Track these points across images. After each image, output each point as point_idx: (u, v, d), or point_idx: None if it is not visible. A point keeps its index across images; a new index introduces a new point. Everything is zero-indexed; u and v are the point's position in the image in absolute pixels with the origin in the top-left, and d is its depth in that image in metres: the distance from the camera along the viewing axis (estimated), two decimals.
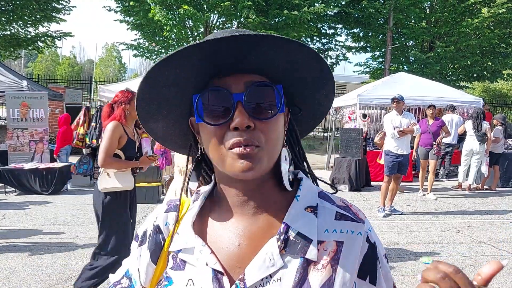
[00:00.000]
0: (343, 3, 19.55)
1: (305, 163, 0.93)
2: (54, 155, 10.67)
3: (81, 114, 11.16)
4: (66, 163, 10.11)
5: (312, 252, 0.77)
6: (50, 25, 20.66)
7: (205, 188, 0.92)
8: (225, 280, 0.77)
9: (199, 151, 0.88)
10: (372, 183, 10.66)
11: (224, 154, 0.76)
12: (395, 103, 7.71)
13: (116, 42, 22.47)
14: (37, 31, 20.58)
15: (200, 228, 0.85)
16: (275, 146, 0.79)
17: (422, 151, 9.39)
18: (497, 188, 10.46)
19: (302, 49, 0.75)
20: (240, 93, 0.75)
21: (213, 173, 0.91)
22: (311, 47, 0.76)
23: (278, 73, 0.80)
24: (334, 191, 0.93)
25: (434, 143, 9.25)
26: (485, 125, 9.71)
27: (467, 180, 10.22)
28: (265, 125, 0.76)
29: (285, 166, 0.83)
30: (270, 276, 0.75)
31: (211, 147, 0.78)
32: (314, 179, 0.93)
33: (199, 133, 0.84)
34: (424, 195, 9.29)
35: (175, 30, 16.31)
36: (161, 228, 0.90)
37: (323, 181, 0.94)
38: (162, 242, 0.88)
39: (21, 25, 19.86)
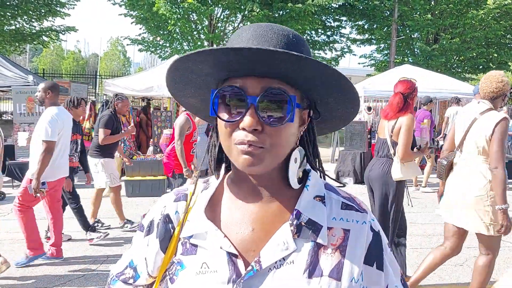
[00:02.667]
0: None
1: (317, 161, 0.95)
2: None
3: (87, 108, 11.20)
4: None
5: (322, 237, 0.82)
6: (54, 19, 20.72)
7: (216, 178, 0.95)
8: (240, 262, 0.81)
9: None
10: None
11: (231, 147, 0.80)
12: None
13: (121, 37, 22.51)
14: (41, 25, 20.64)
15: (212, 214, 0.88)
16: (282, 149, 0.82)
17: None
18: None
19: (326, 69, 0.77)
20: (255, 96, 0.77)
21: (226, 162, 0.95)
22: (335, 69, 0.77)
23: (298, 82, 0.82)
24: (342, 185, 0.97)
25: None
26: None
27: None
28: (273, 130, 0.79)
29: (293, 168, 0.87)
30: (284, 259, 0.80)
31: (222, 138, 0.83)
32: (324, 175, 0.96)
33: None
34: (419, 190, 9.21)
35: (179, 24, 16.31)
36: (171, 217, 0.92)
37: (331, 178, 0.98)
38: (172, 230, 0.91)
39: (26, 19, 19.90)
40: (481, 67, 21.05)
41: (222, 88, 0.79)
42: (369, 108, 12.18)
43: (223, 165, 0.95)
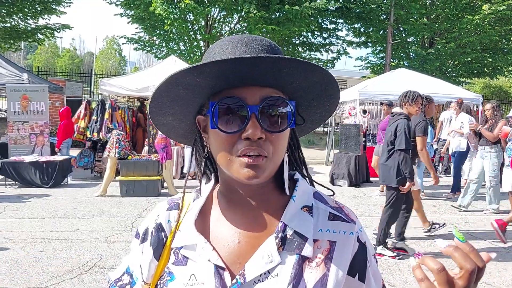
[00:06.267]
0: None
1: (304, 167, 0.97)
2: (56, 149, 10.72)
3: (82, 107, 11.19)
4: (66, 156, 10.16)
5: (307, 249, 0.82)
6: (50, 17, 20.66)
7: (207, 188, 0.96)
8: (226, 275, 0.81)
9: (206, 149, 0.92)
10: (371, 179, 10.69)
11: (232, 160, 0.80)
12: None
13: (117, 36, 22.43)
14: (37, 23, 20.57)
15: (201, 225, 0.89)
16: (280, 156, 0.83)
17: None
18: None
19: (321, 72, 0.80)
20: (255, 105, 0.78)
21: (215, 173, 0.96)
22: (329, 71, 0.80)
23: (292, 89, 0.84)
24: (332, 194, 0.97)
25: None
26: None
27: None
28: (275, 137, 0.80)
29: (287, 172, 0.88)
30: (268, 272, 0.80)
31: (220, 152, 0.82)
32: (311, 182, 0.97)
33: (206, 131, 0.88)
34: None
35: (176, 24, 16.30)
36: (163, 226, 0.94)
37: (320, 184, 0.99)
38: (165, 239, 0.92)
39: (21, 17, 19.84)
40: (475, 71, 21.21)
41: (223, 99, 0.79)
42: (364, 111, 12.22)
43: (213, 175, 0.97)
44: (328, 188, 0.98)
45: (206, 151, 0.92)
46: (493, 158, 7.37)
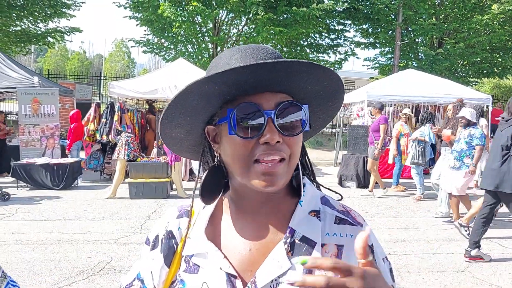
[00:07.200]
0: None
1: (311, 172, 0.99)
2: (67, 151, 10.82)
3: (92, 110, 11.27)
4: (77, 159, 10.25)
5: (316, 254, 0.83)
6: (59, 20, 20.88)
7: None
8: (238, 283, 0.83)
9: (216, 158, 0.92)
10: None
11: (249, 166, 0.81)
12: None
13: (126, 38, 22.56)
14: (47, 26, 20.81)
15: (212, 233, 0.91)
16: (297, 159, 0.85)
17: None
18: None
19: (331, 76, 0.83)
20: (271, 110, 0.80)
21: (225, 180, 0.96)
22: (338, 75, 0.83)
23: (303, 94, 0.86)
24: (340, 198, 0.98)
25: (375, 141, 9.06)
26: (482, 121, 9.59)
27: None
28: (291, 140, 0.82)
29: (300, 175, 0.90)
30: (279, 277, 0.82)
31: (236, 158, 0.82)
32: (319, 187, 0.99)
33: (216, 141, 0.90)
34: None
35: (184, 27, 16.38)
36: (174, 233, 0.95)
37: (328, 188, 1.00)
38: (175, 246, 0.94)
39: (32, 21, 20.08)
40: (485, 71, 21.06)
41: (240, 106, 0.80)
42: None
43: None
44: (336, 192, 1.00)
45: (216, 160, 0.92)
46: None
